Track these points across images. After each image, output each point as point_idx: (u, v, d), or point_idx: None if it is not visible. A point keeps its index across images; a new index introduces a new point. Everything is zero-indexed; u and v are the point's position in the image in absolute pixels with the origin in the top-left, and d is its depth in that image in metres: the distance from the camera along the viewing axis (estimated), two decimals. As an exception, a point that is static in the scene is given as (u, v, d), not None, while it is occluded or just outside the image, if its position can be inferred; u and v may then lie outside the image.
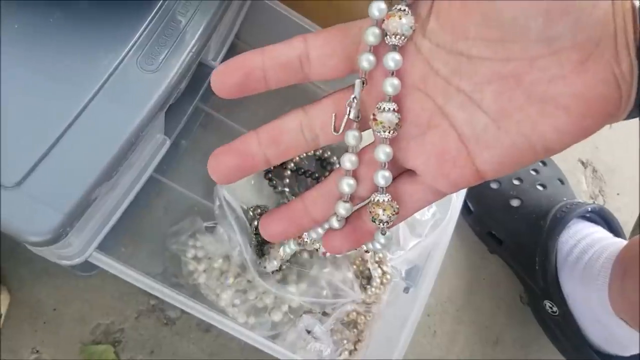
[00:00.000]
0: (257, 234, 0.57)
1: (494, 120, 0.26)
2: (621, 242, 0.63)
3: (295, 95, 0.66)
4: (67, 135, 0.33)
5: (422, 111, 0.27)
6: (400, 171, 0.29)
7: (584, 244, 0.64)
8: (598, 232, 0.66)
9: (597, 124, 0.25)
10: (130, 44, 0.36)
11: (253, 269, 0.55)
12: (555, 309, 0.66)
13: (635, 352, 0.65)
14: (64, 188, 0.33)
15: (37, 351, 0.54)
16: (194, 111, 0.52)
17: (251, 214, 0.58)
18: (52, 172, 0.32)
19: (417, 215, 0.62)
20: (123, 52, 0.35)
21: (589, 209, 0.67)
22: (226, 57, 0.56)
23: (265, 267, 0.55)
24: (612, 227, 0.68)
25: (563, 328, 0.67)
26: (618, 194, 0.86)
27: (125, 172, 0.43)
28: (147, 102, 0.35)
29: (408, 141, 0.27)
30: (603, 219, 0.68)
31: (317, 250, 0.57)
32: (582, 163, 0.85)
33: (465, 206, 0.72)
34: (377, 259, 0.60)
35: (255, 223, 0.58)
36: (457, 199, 0.61)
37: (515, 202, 0.69)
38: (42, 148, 0.32)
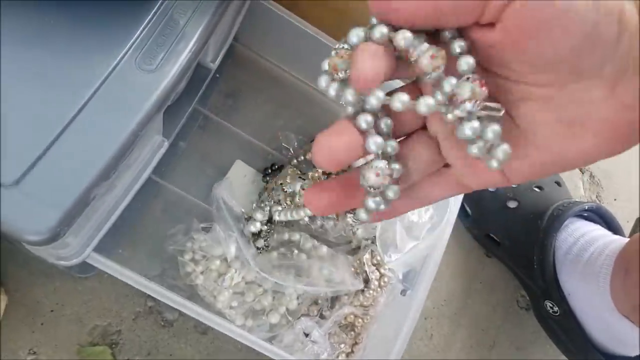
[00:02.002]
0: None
1: (524, 135, 0.27)
2: (622, 240, 0.63)
3: (292, 99, 0.66)
4: (66, 134, 0.33)
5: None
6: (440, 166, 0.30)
7: (583, 241, 0.64)
8: (597, 230, 0.66)
9: (623, 147, 0.26)
10: (129, 44, 0.36)
11: (252, 263, 0.55)
12: (556, 308, 0.66)
13: (638, 351, 0.65)
14: (62, 187, 0.33)
15: (34, 352, 0.54)
16: (192, 113, 0.52)
17: (247, 217, 0.59)
18: (50, 171, 0.33)
19: (414, 218, 0.62)
20: (121, 52, 0.36)
21: (587, 207, 0.67)
22: (224, 59, 0.56)
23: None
24: (611, 225, 0.68)
25: (565, 328, 0.67)
26: (615, 199, 0.86)
27: (123, 172, 0.43)
28: (146, 103, 0.35)
29: (450, 137, 0.29)
30: (601, 217, 0.68)
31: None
32: (580, 168, 0.86)
33: (462, 209, 0.72)
34: (374, 262, 0.60)
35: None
36: (454, 203, 0.61)
37: (512, 204, 0.70)
38: (41, 147, 0.33)
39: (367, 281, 0.59)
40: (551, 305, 0.66)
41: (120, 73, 0.35)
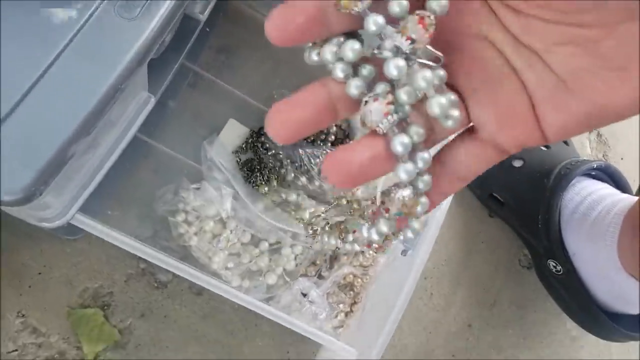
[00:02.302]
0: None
1: (565, 82, 0.24)
2: (631, 198, 0.61)
3: (289, 56, 0.63)
4: (38, 87, 0.30)
5: (490, 62, 0.25)
6: (460, 130, 0.26)
7: (591, 200, 0.62)
8: (605, 189, 0.64)
9: None
10: (106, -12, 0.33)
11: (252, 228, 0.53)
12: (559, 267, 0.65)
13: None
14: (36, 144, 0.30)
15: (23, 315, 0.53)
16: (180, 70, 0.49)
17: (245, 170, 0.56)
18: (23, 128, 0.30)
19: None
20: (98, -2, 0.33)
21: (595, 165, 0.64)
22: (215, 11, 0.53)
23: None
24: (620, 184, 0.66)
25: (568, 287, 0.66)
26: (622, 158, 0.84)
27: (106, 130, 0.40)
28: (126, 54, 0.32)
29: (476, 92, 0.25)
30: (610, 176, 0.66)
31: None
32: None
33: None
34: (374, 220, 0.58)
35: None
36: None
37: (517, 163, 0.67)
38: (11, 101, 0.30)
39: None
40: (554, 264, 0.65)
41: (98, 21, 0.32)
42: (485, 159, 0.27)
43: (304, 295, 0.56)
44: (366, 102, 0.23)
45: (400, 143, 0.22)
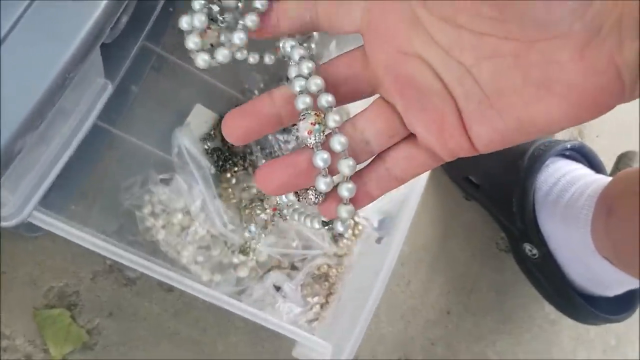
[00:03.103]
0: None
1: (489, 98, 0.26)
2: (604, 179, 0.61)
3: (264, 45, 0.61)
4: (-23, 76, 0.28)
5: (422, 79, 0.27)
6: (404, 135, 0.29)
7: (564, 181, 0.62)
8: (579, 169, 0.64)
9: (591, 115, 0.25)
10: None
11: (219, 223, 0.51)
12: (535, 251, 0.64)
13: (618, 292, 0.64)
14: (-22, 139, 0.28)
15: (-14, 318, 0.51)
16: (141, 53, 0.47)
17: (214, 157, 0.54)
18: (-38, 121, 0.28)
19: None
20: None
21: (568, 145, 0.64)
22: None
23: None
24: (594, 164, 0.66)
25: (544, 270, 0.65)
26: (597, 136, 0.84)
27: (60, 121, 0.38)
28: (74, 37, 0.30)
29: (409, 108, 0.28)
30: (584, 156, 0.66)
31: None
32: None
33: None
34: (347, 209, 0.57)
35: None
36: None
37: (492, 144, 0.67)
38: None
39: (340, 230, 0.56)
40: (530, 247, 0.65)
41: (40, 4, 0.30)
42: (422, 164, 0.29)
43: (277, 288, 0.54)
44: (299, 119, 0.27)
45: (321, 159, 0.26)
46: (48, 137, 0.37)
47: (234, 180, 0.55)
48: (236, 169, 0.55)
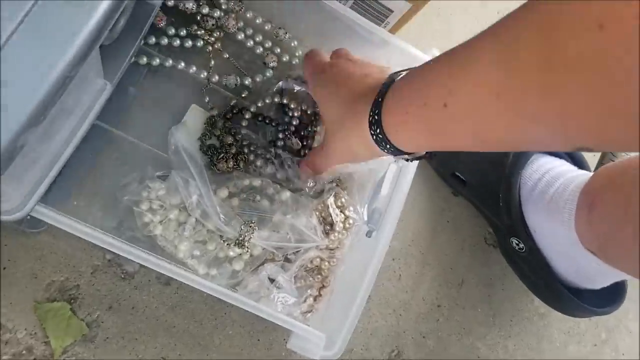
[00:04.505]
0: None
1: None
2: (587, 174, 0.62)
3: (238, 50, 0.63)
4: (-16, 76, 0.30)
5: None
6: None
7: (549, 177, 0.64)
8: (563, 165, 0.66)
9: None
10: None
11: (215, 217, 0.53)
12: (521, 245, 0.66)
13: (604, 284, 0.66)
14: (-16, 134, 0.30)
15: (-11, 311, 0.53)
16: (139, 54, 0.49)
17: (209, 154, 0.56)
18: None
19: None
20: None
21: None
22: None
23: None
24: (576, 160, 0.68)
25: (531, 264, 0.67)
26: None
27: (62, 119, 0.40)
28: (75, 40, 0.32)
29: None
30: (567, 152, 0.67)
31: None
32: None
33: (428, 149, 0.71)
34: (338, 204, 0.59)
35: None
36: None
37: (477, 142, 0.68)
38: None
39: (331, 224, 0.58)
40: (517, 242, 0.66)
41: (43, 6, 0.32)
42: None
43: (272, 280, 0.56)
44: None
45: None
46: (50, 135, 0.39)
47: (227, 176, 0.57)
48: (230, 164, 0.56)
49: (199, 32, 0.59)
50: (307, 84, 0.58)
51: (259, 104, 0.60)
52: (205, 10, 0.58)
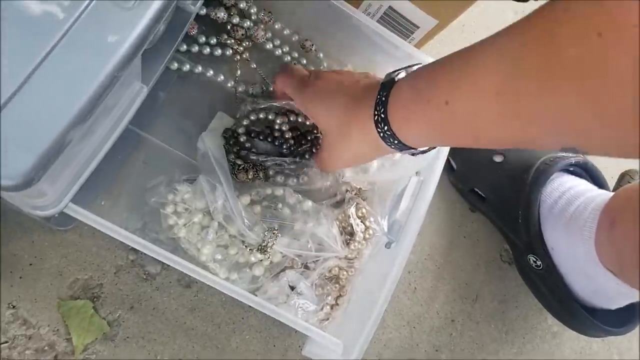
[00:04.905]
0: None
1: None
2: (607, 194, 0.63)
3: (274, 50, 0.64)
4: (38, 74, 0.31)
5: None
6: None
7: (569, 195, 0.64)
8: (583, 185, 0.66)
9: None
10: (104, -22, 0.34)
11: (239, 222, 0.54)
12: (539, 263, 0.66)
13: (621, 304, 0.66)
14: (36, 129, 0.31)
15: (14, 306, 0.53)
16: (170, 61, 0.50)
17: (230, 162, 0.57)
18: (23, 113, 0.31)
19: (400, 171, 0.62)
20: (96, -12, 0.34)
21: (573, 161, 0.66)
22: (206, 2, 0.54)
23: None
24: (597, 180, 0.68)
25: (548, 282, 0.67)
26: (599, 154, 0.86)
27: (101, 118, 0.41)
28: (124, 43, 0.33)
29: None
30: (587, 172, 0.68)
31: None
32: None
33: (447, 163, 0.72)
34: (359, 214, 0.59)
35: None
36: (440, 157, 0.61)
37: (498, 158, 0.69)
38: (12, 87, 0.31)
39: (352, 234, 0.59)
40: (534, 259, 0.67)
41: (96, 9, 0.33)
42: None
43: (292, 288, 0.57)
44: None
45: None
46: (89, 133, 0.40)
47: (250, 184, 0.58)
48: (250, 175, 0.57)
49: (228, 42, 0.60)
50: (287, 98, 0.59)
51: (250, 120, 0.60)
52: (236, 20, 0.59)
